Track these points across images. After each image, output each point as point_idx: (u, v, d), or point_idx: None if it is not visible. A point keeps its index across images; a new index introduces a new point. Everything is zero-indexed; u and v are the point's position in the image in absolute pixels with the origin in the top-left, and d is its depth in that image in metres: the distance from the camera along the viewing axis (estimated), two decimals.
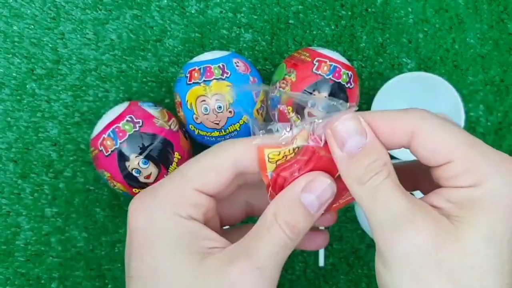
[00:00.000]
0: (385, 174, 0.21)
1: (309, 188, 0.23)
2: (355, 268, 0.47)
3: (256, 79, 0.41)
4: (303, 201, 0.22)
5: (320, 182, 0.23)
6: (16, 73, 0.45)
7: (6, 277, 0.44)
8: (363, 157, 0.22)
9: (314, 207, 0.23)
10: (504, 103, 0.48)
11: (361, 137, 0.22)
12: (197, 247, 0.22)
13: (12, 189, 0.45)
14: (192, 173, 0.23)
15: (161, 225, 0.22)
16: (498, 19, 0.47)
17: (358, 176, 0.22)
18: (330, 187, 0.23)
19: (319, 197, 0.23)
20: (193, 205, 0.23)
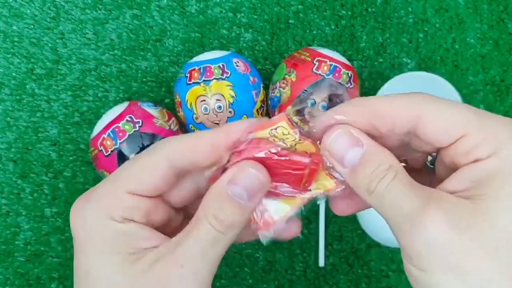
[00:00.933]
0: (391, 177, 0.21)
1: (235, 180, 0.22)
2: (355, 268, 0.47)
3: (256, 79, 0.41)
4: (230, 192, 0.22)
5: (246, 172, 0.22)
6: (15, 73, 0.45)
7: (6, 277, 0.44)
8: (365, 167, 0.21)
9: (243, 198, 0.22)
10: (504, 103, 0.47)
11: (357, 148, 0.22)
12: (131, 248, 0.22)
13: (12, 189, 0.45)
14: (125, 175, 0.23)
15: (94, 228, 0.22)
16: (498, 19, 0.47)
17: (365, 187, 0.21)
18: (256, 177, 0.22)
19: (246, 188, 0.22)
20: (127, 208, 0.22)
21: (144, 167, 0.23)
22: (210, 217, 0.22)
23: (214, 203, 0.22)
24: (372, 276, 0.47)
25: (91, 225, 0.22)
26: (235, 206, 0.22)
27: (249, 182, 0.22)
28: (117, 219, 0.22)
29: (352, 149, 0.22)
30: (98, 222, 0.22)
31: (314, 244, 0.46)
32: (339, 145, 0.22)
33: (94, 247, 0.22)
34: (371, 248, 0.47)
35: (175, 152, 0.23)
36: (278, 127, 0.23)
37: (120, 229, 0.22)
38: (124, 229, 0.22)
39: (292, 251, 0.46)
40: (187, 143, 0.23)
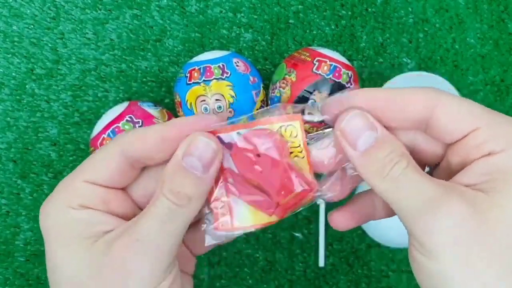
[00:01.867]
0: (405, 164, 0.21)
1: (188, 151, 0.22)
2: (355, 268, 0.47)
3: (256, 79, 0.41)
4: (184, 164, 0.22)
5: (197, 141, 0.22)
6: (15, 73, 0.45)
7: (6, 277, 0.44)
8: (378, 150, 0.21)
9: (198, 168, 0.22)
10: (505, 103, 0.47)
11: (372, 132, 0.22)
12: (89, 233, 0.22)
13: (12, 189, 0.44)
14: (82, 167, 0.24)
15: (54, 220, 0.23)
16: (499, 19, 0.47)
17: (377, 171, 0.21)
18: (208, 145, 0.22)
19: (200, 158, 0.22)
20: (84, 195, 0.23)
21: (99, 158, 0.23)
22: (166, 191, 0.22)
23: (169, 177, 0.22)
24: (372, 276, 0.47)
25: (52, 217, 0.23)
26: (191, 177, 0.22)
27: (202, 151, 0.22)
28: (74, 207, 0.22)
29: (366, 132, 0.21)
30: (56, 214, 0.23)
31: (314, 244, 0.46)
32: (354, 126, 0.22)
33: (55, 239, 0.22)
34: (371, 248, 0.47)
35: (127, 143, 0.23)
36: (289, 125, 0.23)
37: (77, 217, 0.22)
38: (81, 216, 0.22)
39: (292, 251, 0.46)
40: (138, 134, 0.23)
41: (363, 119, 0.22)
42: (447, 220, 0.19)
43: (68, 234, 0.22)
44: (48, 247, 0.23)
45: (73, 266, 0.22)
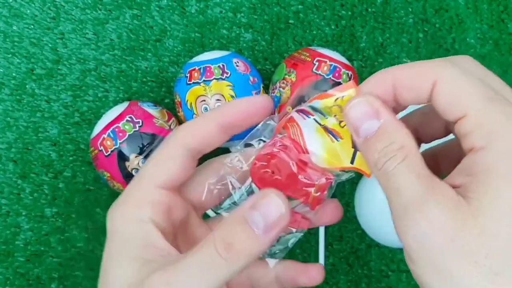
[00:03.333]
0: (400, 158, 0.20)
1: (257, 205, 0.21)
2: (355, 268, 0.47)
3: (256, 79, 0.41)
4: (247, 217, 0.20)
5: (269, 198, 0.21)
6: (15, 73, 0.45)
7: (6, 277, 0.44)
8: (377, 141, 0.21)
9: (259, 226, 0.20)
10: None
11: (374, 121, 0.21)
12: (146, 253, 0.22)
13: (12, 189, 0.45)
14: (147, 171, 0.24)
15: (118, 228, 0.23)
16: (498, 19, 0.47)
17: (374, 161, 0.21)
18: (279, 207, 0.21)
19: (265, 215, 0.20)
20: (153, 203, 0.23)
21: (164, 157, 0.24)
22: (218, 239, 0.20)
23: (227, 226, 0.21)
24: (372, 276, 0.47)
25: (117, 225, 0.23)
26: (248, 233, 0.20)
27: (269, 210, 0.21)
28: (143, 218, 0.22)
29: (369, 120, 0.21)
30: (123, 223, 0.23)
31: (314, 244, 0.46)
32: (356, 113, 0.21)
33: (115, 248, 0.22)
34: (371, 248, 0.47)
35: (186, 137, 0.24)
36: (344, 96, 0.22)
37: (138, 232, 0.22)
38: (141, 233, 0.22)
39: (292, 251, 0.46)
40: (196, 126, 0.24)
41: (366, 107, 0.21)
42: (419, 228, 0.19)
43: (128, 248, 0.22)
44: (107, 253, 0.23)
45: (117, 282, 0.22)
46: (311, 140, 0.23)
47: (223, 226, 0.21)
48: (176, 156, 0.23)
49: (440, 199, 0.19)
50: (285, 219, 0.21)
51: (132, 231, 0.22)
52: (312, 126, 0.24)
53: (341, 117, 0.23)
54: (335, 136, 0.23)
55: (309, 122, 0.24)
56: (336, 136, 0.23)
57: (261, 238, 0.20)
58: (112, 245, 0.23)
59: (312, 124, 0.24)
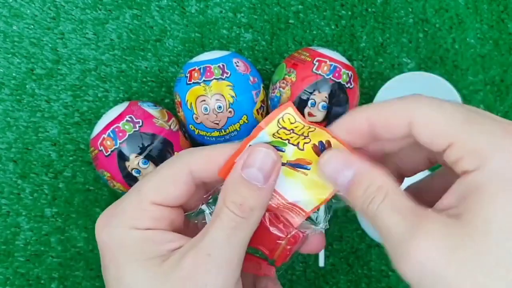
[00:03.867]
0: (380, 199, 0.21)
1: (248, 162, 0.22)
2: (355, 268, 0.47)
3: (256, 79, 0.41)
4: (246, 176, 0.22)
5: (256, 152, 0.23)
6: (15, 73, 0.45)
7: (6, 277, 0.44)
8: (356, 188, 0.22)
9: (259, 179, 0.22)
10: (504, 103, 0.47)
11: (348, 170, 0.22)
12: (158, 252, 0.22)
13: (12, 189, 0.45)
14: (149, 187, 0.23)
15: (121, 238, 0.23)
16: (498, 19, 0.47)
17: (360, 207, 0.22)
18: (268, 154, 0.23)
19: (261, 168, 0.22)
20: (152, 218, 0.23)
21: (167, 178, 0.23)
22: (229, 204, 0.22)
23: (231, 190, 0.22)
24: (372, 276, 0.47)
25: (119, 237, 0.23)
26: (252, 189, 0.22)
27: (262, 162, 0.22)
28: (142, 228, 0.23)
29: (343, 171, 0.22)
30: (125, 233, 0.23)
31: None
32: (331, 167, 0.23)
33: (123, 255, 0.22)
34: (371, 248, 0.47)
35: (196, 164, 0.23)
36: (284, 115, 0.23)
37: (146, 236, 0.23)
38: (149, 236, 0.23)
39: None
40: (208, 155, 0.24)
41: (338, 159, 0.22)
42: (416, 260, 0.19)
43: (135, 252, 0.22)
44: (114, 264, 0.22)
45: (143, 282, 0.22)
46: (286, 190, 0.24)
47: (228, 192, 0.22)
48: (180, 179, 0.23)
49: (430, 228, 0.19)
50: (278, 162, 0.23)
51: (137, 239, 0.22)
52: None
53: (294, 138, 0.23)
54: (303, 166, 0.24)
55: None
56: (304, 166, 0.24)
57: (265, 188, 0.23)
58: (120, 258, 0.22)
59: None
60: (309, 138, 0.23)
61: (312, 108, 0.39)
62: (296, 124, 0.23)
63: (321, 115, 0.40)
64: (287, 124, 0.23)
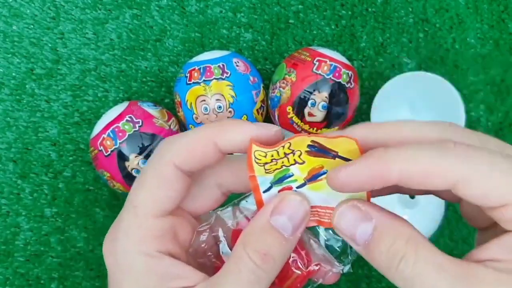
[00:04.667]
0: (413, 256, 0.18)
1: (279, 209, 0.20)
2: (355, 268, 0.47)
3: (256, 79, 0.41)
4: (274, 224, 0.20)
5: (290, 200, 0.21)
6: (15, 73, 0.45)
7: (6, 277, 0.44)
8: (378, 243, 0.19)
9: (288, 229, 0.20)
10: (505, 103, 0.47)
11: (366, 223, 0.19)
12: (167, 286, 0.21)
13: (12, 189, 0.44)
14: (141, 200, 0.21)
15: (127, 265, 0.21)
16: (499, 18, 0.47)
17: (384, 266, 0.19)
18: (302, 205, 0.21)
19: (291, 217, 0.20)
20: (157, 236, 0.21)
21: (157, 183, 0.21)
22: (252, 252, 0.20)
23: (255, 237, 0.20)
24: (372, 277, 0.47)
25: (124, 263, 0.21)
26: (280, 239, 0.20)
27: (294, 211, 0.21)
28: (149, 253, 0.21)
29: (361, 225, 0.19)
30: (131, 259, 0.21)
31: None
32: (346, 222, 0.20)
33: (128, 285, 0.21)
34: None
35: (179, 156, 0.21)
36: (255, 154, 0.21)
37: (152, 266, 0.21)
38: (156, 266, 0.21)
39: None
40: (188, 144, 0.21)
41: (354, 212, 0.20)
42: None
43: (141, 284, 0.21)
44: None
45: None
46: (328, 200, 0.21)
47: (252, 238, 0.20)
48: (169, 180, 0.21)
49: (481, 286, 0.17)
50: (308, 214, 0.21)
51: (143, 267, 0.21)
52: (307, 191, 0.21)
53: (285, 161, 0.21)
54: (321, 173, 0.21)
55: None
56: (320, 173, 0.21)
57: (291, 239, 0.21)
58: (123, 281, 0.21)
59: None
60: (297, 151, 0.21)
61: (312, 108, 0.39)
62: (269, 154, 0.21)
63: (321, 115, 0.40)
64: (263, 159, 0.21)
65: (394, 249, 0.18)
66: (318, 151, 0.21)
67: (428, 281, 0.18)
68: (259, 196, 0.21)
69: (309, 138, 0.20)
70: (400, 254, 0.18)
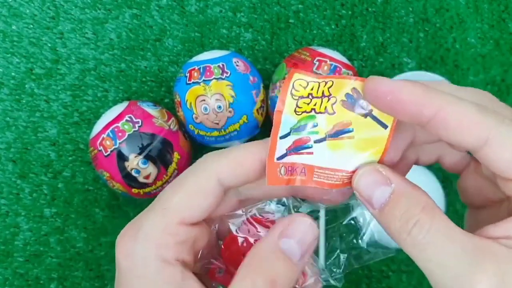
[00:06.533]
0: (427, 223, 0.18)
1: (288, 233, 0.20)
2: (355, 269, 0.47)
3: (256, 78, 0.41)
4: (283, 248, 0.19)
5: (300, 223, 0.20)
6: (15, 73, 0.45)
7: (5, 278, 0.44)
8: (394, 208, 0.19)
9: (296, 254, 0.19)
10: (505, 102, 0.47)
11: (385, 187, 0.19)
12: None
13: (11, 189, 0.44)
14: (175, 203, 0.20)
15: (141, 268, 0.20)
16: (499, 18, 0.47)
17: (397, 230, 0.19)
18: (311, 227, 0.20)
19: (301, 241, 0.19)
20: (180, 243, 0.20)
21: (196, 192, 0.21)
22: (260, 280, 0.19)
23: (264, 262, 0.19)
24: (373, 277, 0.47)
25: (139, 265, 0.20)
26: (288, 265, 0.19)
27: (303, 235, 0.20)
28: (168, 259, 0.20)
29: (380, 187, 0.19)
30: (148, 263, 0.20)
31: None
32: (366, 183, 0.20)
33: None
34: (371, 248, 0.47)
35: (225, 171, 0.20)
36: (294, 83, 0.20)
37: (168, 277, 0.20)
38: (171, 278, 0.20)
39: None
40: (236, 160, 0.21)
41: (375, 174, 0.20)
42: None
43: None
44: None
45: None
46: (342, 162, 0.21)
47: (258, 262, 0.19)
48: (209, 191, 0.20)
49: (493, 264, 0.17)
50: (317, 238, 0.20)
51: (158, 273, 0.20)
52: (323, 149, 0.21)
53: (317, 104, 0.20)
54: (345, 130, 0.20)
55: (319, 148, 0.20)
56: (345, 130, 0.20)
57: (299, 264, 0.20)
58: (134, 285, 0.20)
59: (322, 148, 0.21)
60: (333, 97, 0.20)
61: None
62: (310, 86, 0.20)
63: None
64: (302, 91, 0.20)
65: (409, 214, 0.18)
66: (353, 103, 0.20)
67: (439, 249, 0.18)
68: (275, 141, 0.20)
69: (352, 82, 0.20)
70: (414, 219, 0.18)
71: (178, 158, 0.40)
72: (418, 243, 0.18)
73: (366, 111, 0.20)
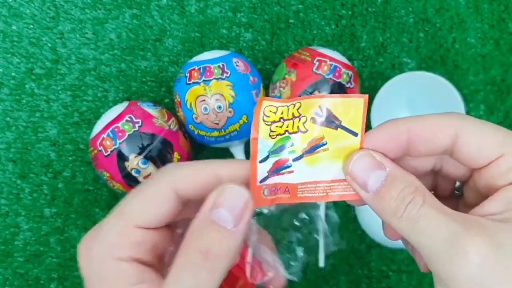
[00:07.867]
0: (420, 200, 0.20)
1: (218, 202, 0.20)
2: (355, 269, 0.47)
3: (256, 78, 0.41)
4: (214, 218, 0.20)
5: (228, 191, 0.20)
6: (15, 73, 0.45)
7: (5, 278, 0.44)
8: (389, 189, 0.20)
9: (229, 221, 0.20)
10: (505, 103, 0.47)
11: (380, 171, 0.21)
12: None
13: (11, 189, 0.44)
14: (131, 209, 0.21)
15: (100, 270, 0.21)
16: (499, 18, 0.47)
17: (392, 211, 0.20)
18: (239, 192, 0.20)
19: (231, 208, 0.20)
20: (135, 244, 0.21)
21: (151, 198, 0.21)
22: (193, 250, 0.20)
23: (197, 234, 0.20)
24: (373, 277, 0.47)
25: (97, 266, 0.21)
26: (222, 232, 0.20)
27: (233, 202, 0.20)
28: (124, 258, 0.21)
29: (374, 171, 0.21)
30: (106, 263, 0.21)
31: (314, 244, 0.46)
32: (361, 168, 0.21)
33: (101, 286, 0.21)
34: (371, 248, 0.47)
35: (181, 182, 0.21)
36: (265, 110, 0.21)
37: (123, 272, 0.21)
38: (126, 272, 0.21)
39: None
40: (193, 173, 0.21)
41: (369, 159, 0.21)
42: (470, 264, 0.18)
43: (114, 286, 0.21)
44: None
45: None
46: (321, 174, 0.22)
47: (193, 236, 0.20)
48: (164, 199, 0.21)
49: (482, 229, 0.19)
50: (250, 203, 0.20)
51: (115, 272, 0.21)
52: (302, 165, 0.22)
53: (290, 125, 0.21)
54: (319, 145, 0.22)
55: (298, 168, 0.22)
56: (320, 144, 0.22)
57: (234, 231, 0.20)
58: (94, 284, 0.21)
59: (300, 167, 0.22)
60: (303, 116, 0.22)
61: None
62: (280, 110, 0.21)
63: None
64: (273, 116, 0.21)
65: (404, 194, 0.20)
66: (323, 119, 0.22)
67: (432, 220, 0.19)
68: (255, 166, 0.22)
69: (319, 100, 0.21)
70: (409, 198, 0.20)
71: (178, 158, 0.40)
72: (412, 218, 0.20)
73: (336, 123, 0.22)
